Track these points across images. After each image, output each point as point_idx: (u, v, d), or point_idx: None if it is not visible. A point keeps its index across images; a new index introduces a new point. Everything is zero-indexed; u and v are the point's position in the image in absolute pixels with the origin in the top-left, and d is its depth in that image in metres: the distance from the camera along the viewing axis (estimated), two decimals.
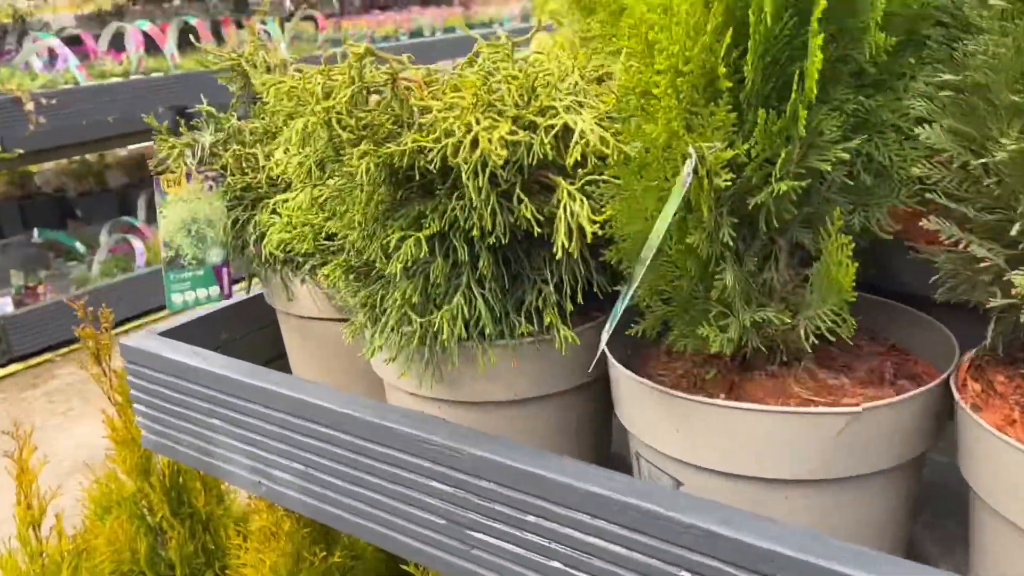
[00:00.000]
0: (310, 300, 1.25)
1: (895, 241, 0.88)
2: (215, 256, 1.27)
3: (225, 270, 1.30)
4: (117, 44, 4.65)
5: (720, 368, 0.91)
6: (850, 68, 0.78)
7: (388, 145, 0.91)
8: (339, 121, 0.92)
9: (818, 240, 0.85)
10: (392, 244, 0.93)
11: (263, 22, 5.26)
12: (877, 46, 0.74)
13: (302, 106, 0.97)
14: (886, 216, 0.84)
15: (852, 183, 0.81)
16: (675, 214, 0.78)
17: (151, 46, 4.67)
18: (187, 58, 4.80)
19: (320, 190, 1.00)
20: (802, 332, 0.83)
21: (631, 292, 0.76)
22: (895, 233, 0.87)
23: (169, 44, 4.68)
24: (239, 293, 1.43)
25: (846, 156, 0.76)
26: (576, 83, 0.92)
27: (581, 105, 0.90)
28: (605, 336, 0.80)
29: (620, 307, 0.76)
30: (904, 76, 0.79)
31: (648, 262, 0.74)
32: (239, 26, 5.39)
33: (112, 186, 5.76)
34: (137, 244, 4.63)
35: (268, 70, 1.22)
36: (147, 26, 4.63)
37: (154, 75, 4.57)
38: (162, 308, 4.53)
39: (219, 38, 5.13)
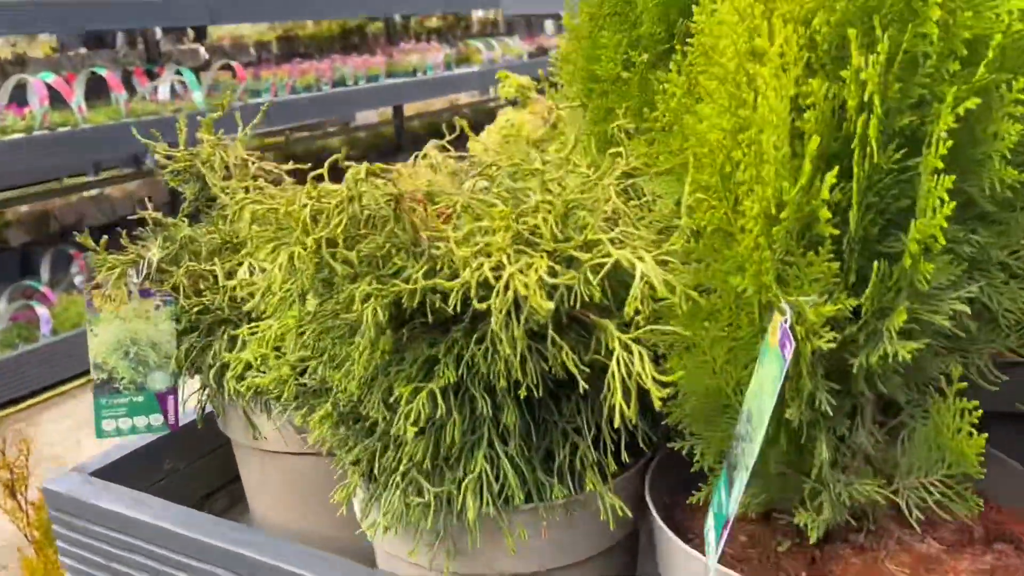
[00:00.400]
0: (277, 435, 1.07)
1: None
2: (159, 382, 1.08)
3: (172, 398, 1.11)
4: (19, 97, 4.33)
5: (793, 537, 0.78)
6: (958, 201, 0.67)
7: (395, 282, 0.76)
8: (333, 254, 0.76)
9: (910, 391, 0.73)
10: (403, 399, 0.77)
11: (179, 72, 5.01)
12: (1002, 182, 0.62)
13: (284, 230, 0.81)
14: (988, 364, 0.73)
15: (959, 332, 0.70)
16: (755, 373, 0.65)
17: (56, 99, 4.35)
18: (96, 111, 4.50)
19: (307, 326, 0.84)
20: (904, 506, 0.70)
21: (742, 488, 0.62)
22: None
23: (76, 97, 4.38)
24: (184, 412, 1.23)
25: (966, 309, 0.64)
26: (615, 208, 0.78)
27: (622, 232, 0.77)
28: (713, 564, 0.64)
29: (732, 509, 0.62)
30: (1016, 209, 0.68)
31: (759, 444, 0.60)
32: (151, 77, 5.11)
33: (12, 245, 5.35)
34: (41, 311, 4.25)
35: (227, 171, 1.05)
36: (52, 78, 4.31)
37: (61, 130, 4.27)
38: (73, 379, 4.18)
39: (131, 89, 4.84)
